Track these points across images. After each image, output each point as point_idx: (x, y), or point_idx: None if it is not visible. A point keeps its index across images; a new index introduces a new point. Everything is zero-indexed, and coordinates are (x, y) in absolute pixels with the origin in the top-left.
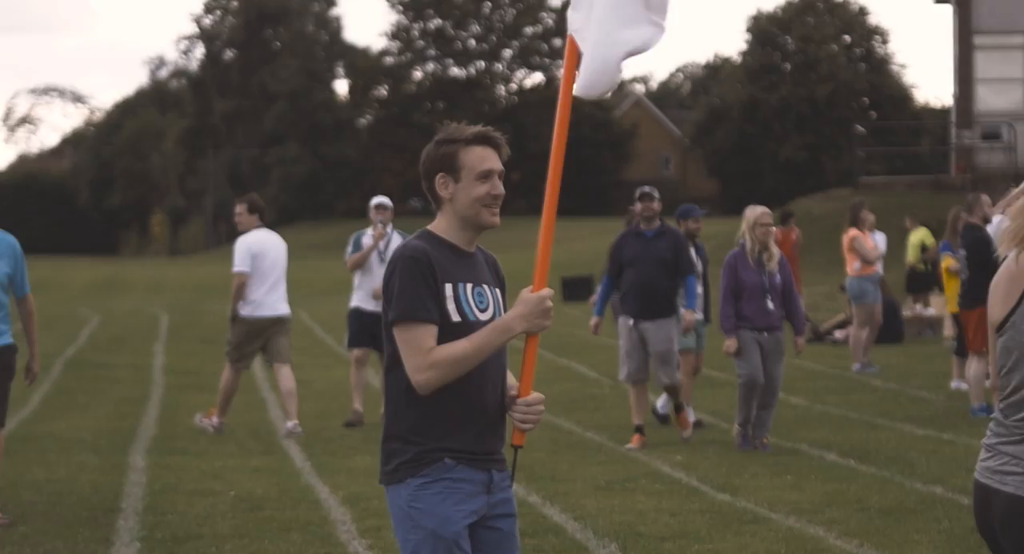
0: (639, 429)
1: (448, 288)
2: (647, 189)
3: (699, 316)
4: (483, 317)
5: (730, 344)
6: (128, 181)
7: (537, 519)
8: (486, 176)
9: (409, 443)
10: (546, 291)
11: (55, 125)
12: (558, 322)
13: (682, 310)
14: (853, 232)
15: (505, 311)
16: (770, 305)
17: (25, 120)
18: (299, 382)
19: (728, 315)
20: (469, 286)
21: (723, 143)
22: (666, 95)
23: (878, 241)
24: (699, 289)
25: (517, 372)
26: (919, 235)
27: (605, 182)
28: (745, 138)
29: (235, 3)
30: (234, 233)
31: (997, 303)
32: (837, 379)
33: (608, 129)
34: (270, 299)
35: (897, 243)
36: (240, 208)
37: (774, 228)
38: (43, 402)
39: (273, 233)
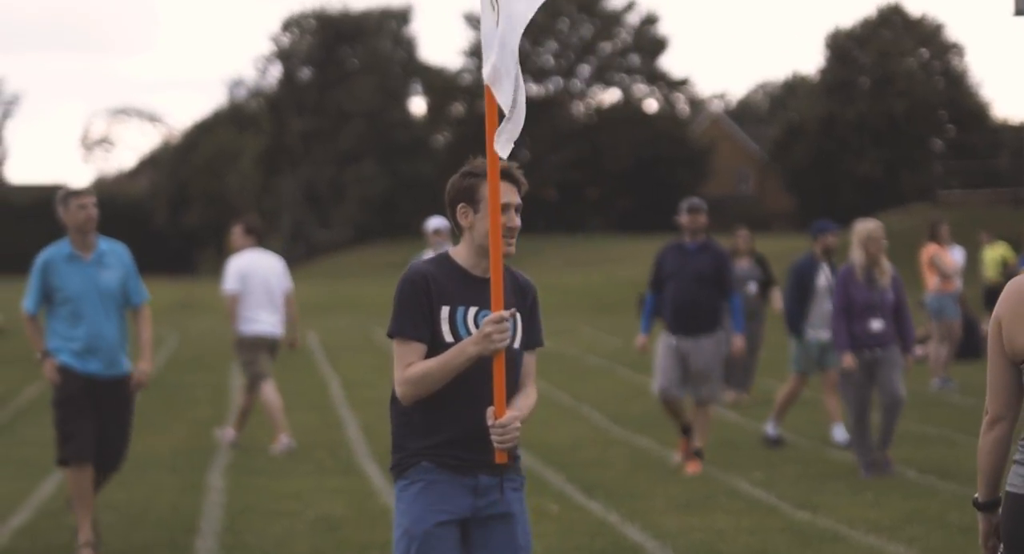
0: (685, 431)
1: (445, 310)
2: (695, 201)
3: (825, 336)
4: None
5: (847, 361)
6: (205, 201)
7: (617, 539)
8: (503, 209)
9: (398, 449)
10: (497, 314)
11: (132, 145)
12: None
13: (732, 335)
14: (932, 248)
15: (524, 335)
16: (877, 324)
17: (102, 141)
18: (380, 400)
19: (841, 332)
20: (473, 310)
21: (801, 159)
22: (745, 112)
23: (957, 257)
24: (740, 306)
25: (603, 391)
26: (998, 250)
27: (683, 199)
28: (823, 154)
29: (312, 22)
30: (313, 251)
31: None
32: (916, 395)
33: (686, 146)
34: (261, 317)
35: (974, 258)
36: (236, 229)
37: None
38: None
39: (268, 254)
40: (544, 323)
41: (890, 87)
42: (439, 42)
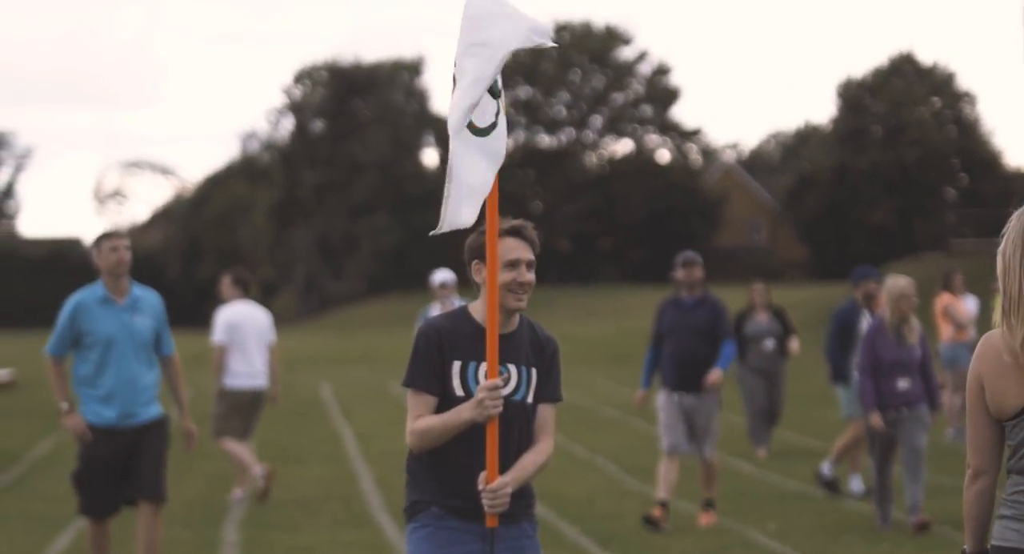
0: (663, 504)
1: (456, 365)
2: (689, 255)
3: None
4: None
5: (875, 419)
6: (218, 254)
7: None
8: (513, 265)
9: (410, 493)
10: (490, 382)
11: (145, 198)
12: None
13: (712, 370)
14: (945, 297)
15: (537, 388)
16: (904, 383)
17: (115, 194)
18: (394, 453)
19: (869, 390)
20: (485, 365)
21: (813, 208)
22: (757, 162)
23: (970, 306)
24: (731, 352)
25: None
26: None
27: (695, 249)
28: (835, 203)
29: (324, 74)
30: (326, 303)
31: (1010, 390)
32: (931, 445)
33: (698, 196)
34: (247, 370)
35: (988, 307)
36: (225, 280)
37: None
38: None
39: (255, 305)
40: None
41: (902, 136)
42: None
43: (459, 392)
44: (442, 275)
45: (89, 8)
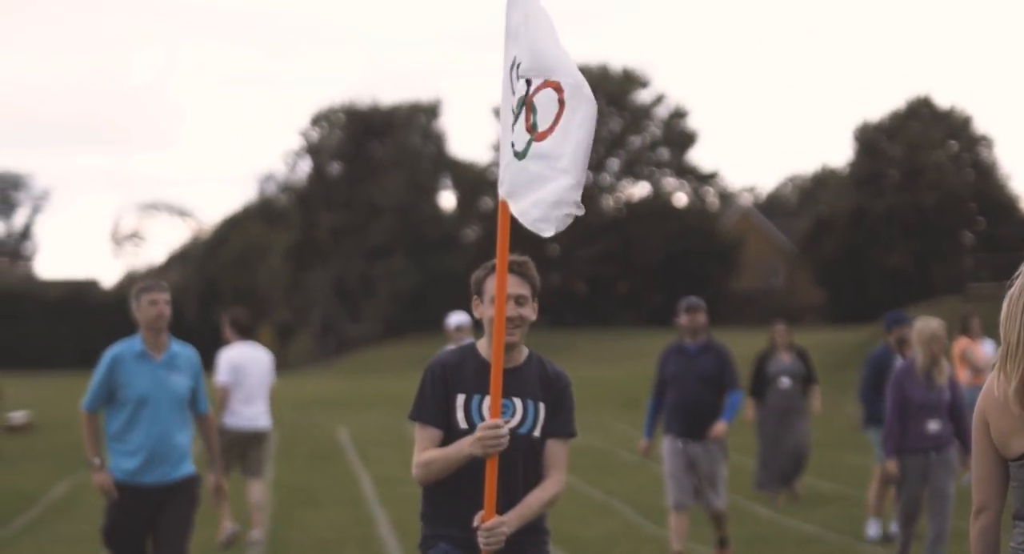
0: None
1: (460, 398)
2: (693, 300)
3: None
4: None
5: (890, 466)
6: (235, 296)
7: None
8: (514, 301)
9: (423, 527)
10: (492, 421)
11: (162, 240)
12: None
13: (717, 423)
14: (963, 341)
15: (545, 424)
16: (934, 426)
17: (132, 235)
18: (411, 496)
19: (892, 435)
20: (489, 398)
21: (831, 252)
22: (774, 205)
23: (988, 350)
24: (736, 403)
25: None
26: None
27: (713, 293)
28: (852, 247)
29: (341, 116)
30: (343, 346)
31: (1013, 433)
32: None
33: (716, 239)
34: (248, 411)
35: None
36: (224, 323)
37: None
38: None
39: (257, 346)
40: (578, 416)
41: (919, 179)
42: (468, 136)
43: (463, 425)
44: (458, 318)
45: (106, 51)
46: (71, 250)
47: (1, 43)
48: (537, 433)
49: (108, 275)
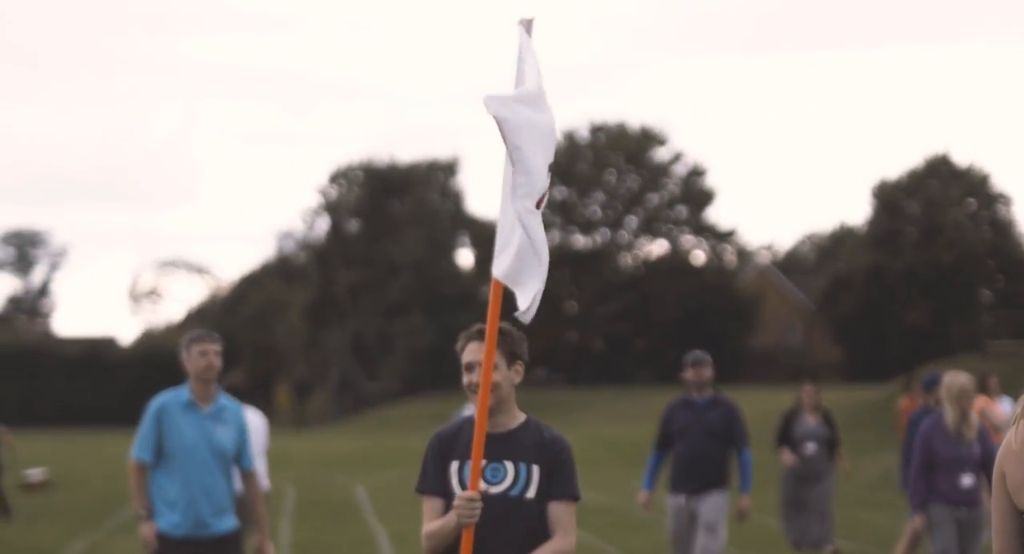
0: None
1: (455, 465)
2: (699, 355)
3: None
4: (494, 491)
5: (917, 522)
6: (253, 353)
7: None
8: (468, 368)
9: None
10: (468, 493)
11: (180, 297)
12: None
13: (740, 497)
14: (981, 400)
15: (540, 486)
16: (966, 480)
17: (150, 292)
18: None
19: (919, 490)
20: (482, 462)
21: (849, 310)
22: (792, 263)
23: (1006, 408)
24: (749, 464)
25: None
26: None
27: (730, 350)
28: (870, 304)
29: (359, 174)
30: (360, 404)
31: None
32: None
33: (733, 297)
34: None
35: None
36: (222, 385)
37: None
38: None
39: (252, 409)
40: (593, 475)
41: (938, 237)
42: (486, 194)
43: (458, 490)
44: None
45: (125, 107)
46: (89, 307)
47: (20, 99)
48: (531, 495)
49: (126, 332)
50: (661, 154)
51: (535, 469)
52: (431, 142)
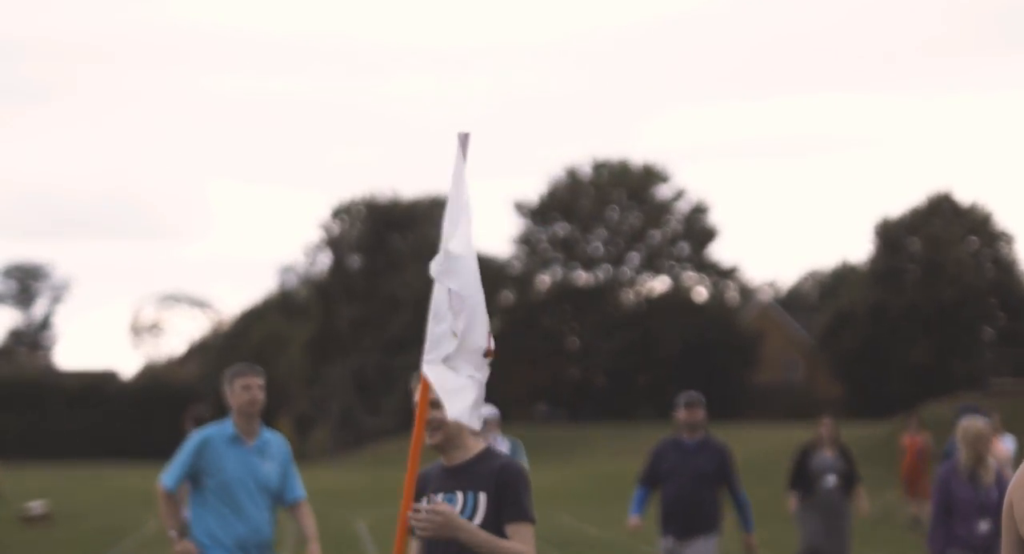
0: None
1: (425, 500)
2: (692, 395)
3: None
4: None
5: None
6: None
7: None
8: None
9: None
10: (416, 505)
11: (181, 331)
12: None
13: (744, 535)
14: None
15: (488, 512)
16: (984, 526)
17: (151, 326)
18: None
19: (938, 537)
20: (440, 495)
21: (850, 346)
22: (794, 300)
23: (1008, 446)
24: (747, 505)
25: None
26: None
27: (732, 387)
28: (872, 341)
29: (362, 209)
30: (361, 438)
31: None
32: None
33: (735, 333)
34: None
35: None
36: (188, 416)
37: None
38: None
39: None
40: (594, 511)
41: (940, 275)
42: (488, 230)
43: None
44: (485, 410)
45: (127, 142)
46: (90, 341)
47: (24, 132)
48: (477, 521)
49: (127, 366)
50: (663, 191)
51: (481, 496)
52: (433, 178)
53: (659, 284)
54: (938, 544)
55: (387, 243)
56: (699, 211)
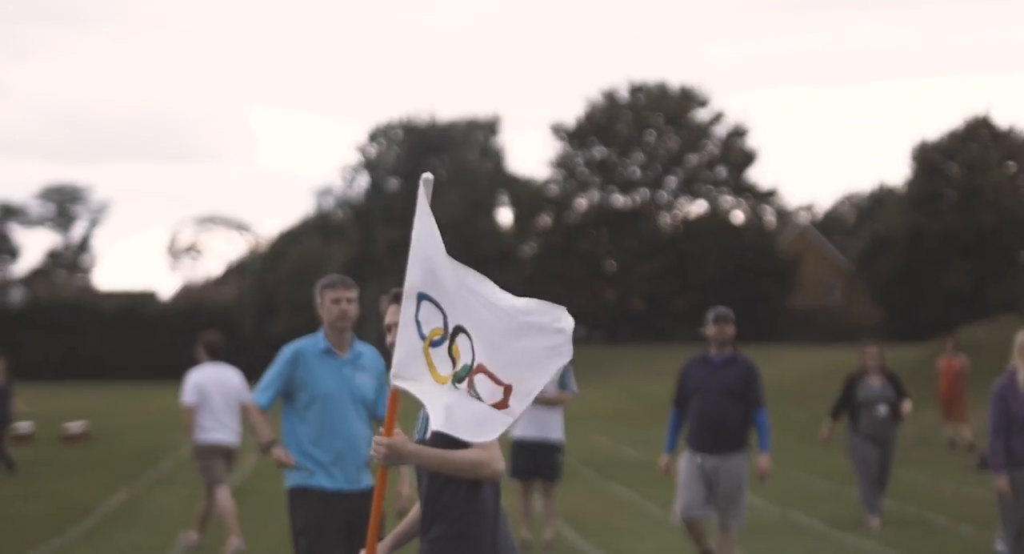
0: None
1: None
2: (722, 311)
3: None
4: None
5: (1001, 483)
6: (291, 309)
7: None
8: (387, 329)
9: None
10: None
11: (219, 253)
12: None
13: (758, 455)
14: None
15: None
16: None
17: (189, 248)
18: None
19: (998, 451)
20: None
21: (888, 271)
22: (832, 224)
23: None
24: (767, 425)
25: None
26: None
27: (769, 310)
28: (910, 266)
29: (399, 132)
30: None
31: None
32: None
33: (773, 257)
34: (215, 425)
35: None
36: (199, 343)
37: None
38: (208, 531)
39: (225, 367)
40: (629, 431)
41: (977, 199)
42: (526, 153)
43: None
44: None
45: (166, 65)
46: (129, 262)
47: (61, 55)
48: (428, 436)
49: (165, 288)
50: (701, 115)
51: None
52: (472, 101)
53: (696, 207)
54: (999, 459)
55: (424, 166)
56: (737, 134)
